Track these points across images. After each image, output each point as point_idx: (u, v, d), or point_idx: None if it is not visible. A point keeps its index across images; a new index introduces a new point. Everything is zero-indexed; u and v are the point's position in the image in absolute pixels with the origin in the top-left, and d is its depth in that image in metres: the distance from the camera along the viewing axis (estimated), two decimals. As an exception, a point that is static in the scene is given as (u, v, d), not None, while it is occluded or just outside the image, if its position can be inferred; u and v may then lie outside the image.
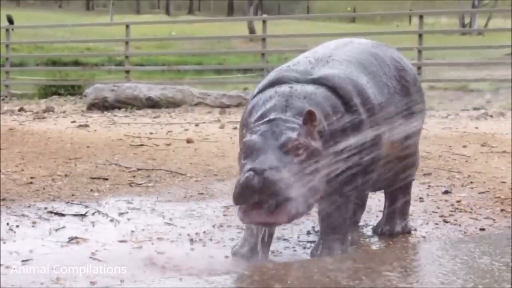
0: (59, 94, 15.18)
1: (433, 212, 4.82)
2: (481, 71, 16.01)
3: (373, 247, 4.11)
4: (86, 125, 9.83)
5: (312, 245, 3.88)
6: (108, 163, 6.57)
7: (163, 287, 3.29)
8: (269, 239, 3.72)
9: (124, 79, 15.24)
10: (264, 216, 3.21)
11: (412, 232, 4.32)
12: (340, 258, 3.62)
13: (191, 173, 6.13)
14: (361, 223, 4.53)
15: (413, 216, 4.61)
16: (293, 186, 3.22)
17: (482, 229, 4.40)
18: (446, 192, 5.38)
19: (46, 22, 28.70)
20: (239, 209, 3.28)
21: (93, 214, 4.71)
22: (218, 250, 3.90)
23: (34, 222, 4.47)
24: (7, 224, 4.37)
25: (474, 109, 12.05)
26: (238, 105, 12.27)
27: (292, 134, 3.32)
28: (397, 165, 3.99)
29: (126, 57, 16.18)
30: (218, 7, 57.04)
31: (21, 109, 12.42)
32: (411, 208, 4.49)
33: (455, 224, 4.52)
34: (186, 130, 9.35)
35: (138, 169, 6.27)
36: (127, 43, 16.25)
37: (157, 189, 5.54)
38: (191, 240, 4.11)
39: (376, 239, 4.25)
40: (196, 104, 12.59)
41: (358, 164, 3.59)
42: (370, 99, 3.69)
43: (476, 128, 9.46)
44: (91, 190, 5.47)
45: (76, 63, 21.17)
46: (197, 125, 9.91)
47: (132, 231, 4.29)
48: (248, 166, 3.25)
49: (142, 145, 7.86)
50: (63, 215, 4.67)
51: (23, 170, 6.18)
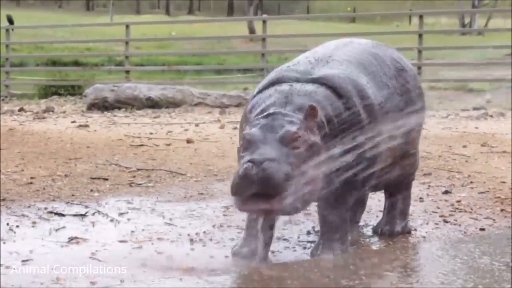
0: (59, 94, 15.18)
1: (433, 212, 4.82)
2: (481, 71, 16.00)
3: (373, 247, 4.11)
4: (86, 125, 9.83)
5: (312, 245, 3.88)
6: (108, 163, 6.57)
7: (163, 287, 3.29)
8: (269, 239, 3.72)
9: (124, 79, 15.24)
10: (261, 204, 3.21)
11: (412, 232, 4.32)
12: (340, 258, 3.62)
13: (191, 173, 6.13)
14: (361, 223, 4.53)
15: (413, 216, 4.61)
16: (291, 178, 3.22)
17: (482, 229, 4.40)
18: (446, 192, 5.38)
19: (46, 22, 28.68)
20: (236, 198, 3.29)
21: (93, 214, 4.71)
22: (218, 250, 3.90)
23: (34, 222, 4.47)
24: (7, 224, 4.37)
25: (474, 109, 12.05)
26: (238, 105, 12.27)
27: (292, 127, 3.33)
28: (397, 165, 3.99)
29: (126, 57, 16.19)
30: (218, 7, 57.03)
31: (21, 109, 12.42)
32: (411, 208, 4.49)
33: (455, 224, 4.52)
34: (186, 130, 9.35)
35: (138, 169, 6.27)
36: (127, 43, 16.26)
37: (157, 189, 5.54)
38: (191, 240, 4.11)
39: (376, 239, 4.25)
40: (196, 104, 12.60)
41: (358, 164, 3.59)
42: (370, 99, 3.69)
43: (476, 128, 9.46)
44: (91, 190, 5.47)
45: (76, 63, 21.16)
46: (197, 125, 9.91)
47: (132, 231, 4.29)
48: (247, 158, 3.26)
49: (142, 145, 7.86)
50: (63, 215, 4.67)
51: (23, 170, 6.18)
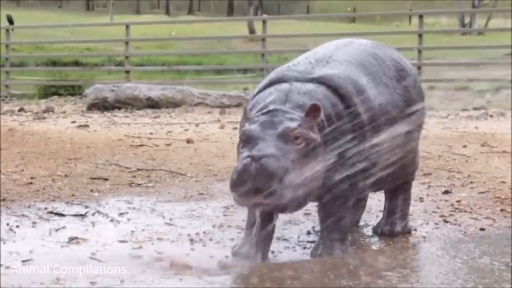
0: (59, 94, 15.18)
1: (433, 212, 4.82)
2: (481, 71, 16.01)
3: (373, 247, 4.11)
4: (86, 125, 9.83)
5: (312, 245, 3.88)
6: (108, 163, 6.57)
7: (163, 287, 3.29)
8: (269, 239, 3.72)
9: (124, 79, 15.24)
10: (260, 198, 3.21)
11: (412, 232, 4.32)
12: (340, 258, 3.62)
13: (191, 173, 6.13)
14: (361, 223, 4.53)
15: (413, 216, 4.61)
16: (289, 174, 3.22)
17: (482, 229, 4.40)
18: (446, 192, 5.38)
19: (46, 22, 28.70)
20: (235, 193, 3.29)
21: (93, 214, 4.71)
22: (218, 250, 3.90)
23: (34, 223, 4.47)
24: (7, 224, 4.37)
25: (474, 109, 12.05)
26: (238, 105, 12.27)
27: (291, 124, 3.34)
28: (397, 165, 3.99)
29: (126, 57, 16.19)
30: (218, 7, 57.04)
31: (21, 109, 12.42)
32: (411, 208, 4.49)
33: (455, 224, 4.52)
34: (186, 130, 9.35)
35: (138, 169, 6.27)
36: (127, 43, 16.25)
37: (157, 189, 5.54)
38: (191, 240, 4.11)
39: (376, 239, 4.25)
40: (196, 104, 12.60)
41: (358, 164, 3.59)
42: (370, 99, 3.69)
43: (476, 128, 9.46)
44: (91, 190, 5.47)
45: (76, 63, 21.15)
46: (197, 125, 9.91)
47: (132, 231, 4.29)
48: (246, 153, 3.26)
49: (142, 145, 7.86)
50: (63, 215, 4.67)
51: (23, 170, 6.18)
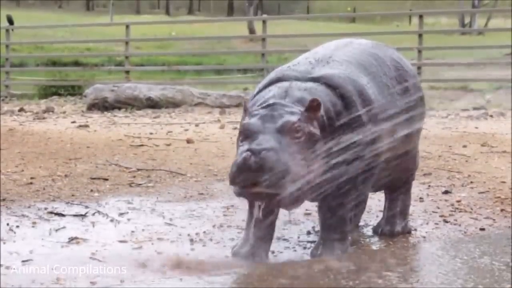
0: (59, 95, 15.18)
1: (433, 212, 4.82)
2: (481, 71, 16.01)
3: (373, 247, 4.11)
4: (86, 126, 9.83)
5: (312, 245, 3.88)
6: (108, 163, 6.57)
7: (163, 287, 3.29)
8: (269, 239, 3.72)
9: (124, 79, 15.24)
10: (259, 191, 3.21)
11: (412, 232, 4.31)
12: (340, 258, 3.62)
13: (191, 173, 6.13)
14: (361, 223, 4.53)
15: (413, 216, 4.61)
16: (289, 168, 3.22)
17: (482, 229, 4.39)
18: (446, 192, 5.38)
19: (46, 22, 28.70)
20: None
21: (93, 214, 4.71)
22: (218, 250, 3.90)
23: (34, 223, 4.47)
24: (7, 224, 4.37)
25: (474, 109, 12.05)
26: (238, 105, 12.26)
27: (291, 118, 3.34)
28: (397, 165, 3.99)
29: (126, 57, 16.19)
30: (218, 7, 57.04)
31: (21, 110, 12.42)
32: (411, 208, 4.48)
33: (455, 224, 4.52)
34: (186, 130, 9.35)
35: (138, 169, 6.27)
36: (127, 43, 16.25)
37: (157, 189, 5.54)
38: (191, 240, 4.11)
39: (376, 239, 4.25)
40: (196, 104, 12.60)
41: (358, 164, 3.59)
42: (370, 99, 3.69)
43: (476, 128, 9.46)
44: (91, 190, 5.47)
45: (76, 63, 21.14)
46: (197, 125, 9.91)
47: (132, 232, 4.29)
48: (245, 147, 3.26)
49: (142, 145, 7.86)
50: (63, 215, 4.67)
51: (23, 170, 6.18)
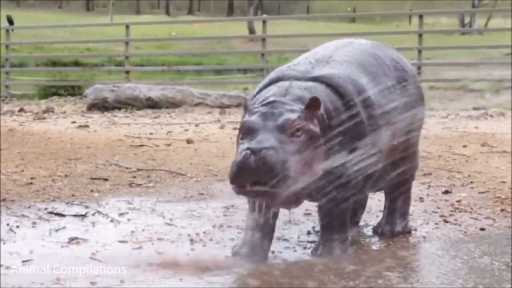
0: (59, 95, 15.18)
1: (433, 212, 4.82)
2: (481, 71, 16.00)
3: (373, 247, 4.11)
4: (86, 126, 9.83)
5: (312, 245, 3.88)
6: (108, 163, 6.57)
7: (163, 287, 3.29)
8: (269, 239, 3.72)
9: (124, 80, 15.24)
10: (259, 190, 3.21)
11: (412, 232, 4.32)
12: (340, 258, 3.62)
13: (191, 174, 6.13)
14: (361, 223, 4.53)
15: (413, 216, 4.61)
16: (289, 167, 3.22)
17: (482, 229, 4.40)
18: (446, 192, 5.38)
19: (46, 23, 28.67)
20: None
21: (93, 214, 4.72)
22: (218, 250, 3.90)
23: (34, 223, 4.47)
24: (7, 224, 4.37)
25: (474, 109, 12.05)
26: (238, 105, 12.26)
27: (292, 115, 3.34)
28: (397, 165, 3.99)
29: (126, 57, 16.18)
30: (218, 7, 57.02)
31: (21, 110, 12.42)
32: (411, 208, 4.49)
33: (455, 224, 4.52)
34: (186, 130, 9.35)
35: (138, 170, 6.27)
36: (127, 43, 16.25)
37: (157, 190, 5.54)
38: (191, 241, 4.11)
39: (376, 239, 4.25)
40: (196, 105, 12.60)
41: (358, 164, 3.59)
42: (370, 99, 3.69)
43: (476, 128, 9.46)
44: (91, 190, 5.47)
45: (76, 63, 21.10)
46: (197, 125, 9.91)
47: (132, 232, 4.29)
48: (245, 145, 3.26)
49: (142, 145, 7.86)
50: (63, 215, 4.67)
51: (23, 170, 6.18)
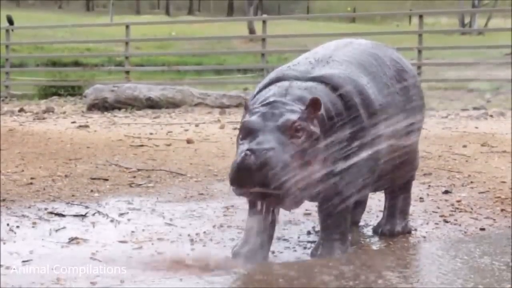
0: (59, 95, 15.19)
1: (433, 212, 4.82)
2: (481, 71, 16.00)
3: (373, 247, 4.11)
4: (86, 126, 9.83)
5: (312, 245, 3.88)
6: (108, 163, 6.57)
7: (163, 287, 3.29)
8: (269, 239, 3.72)
9: (124, 80, 15.24)
10: (259, 191, 3.21)
11: (412, 232, 4.31)
12: (340, 258, 3.62)
13: (191, 174, 6.13)
14: (361, 223, 4.53)
15: (413, 216, 4.61)
16: (289, 167, 3.22)
17: (482, 229, 4.39)
18: (446, 192, 5.38)
19: (46, 23, 28.71)
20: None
21: (93, 214, 4.71)
22: (219, 250, 3.90)
23: (34, 223, 4.47)
24: (7, 224, 4.37)
25: (474, 109, 12.05)
26: (238, 105, 12.27)
27: (292, 116, 3.34)
28: (397, 165, 3.99)
29: (126, 57, 16.19)
30: (218, 7, 57.05)
31: (21, 110, 12.43)
32: (411, 208, 4.49)
33: (455, 224, 4.52)
34: (186, 130, 9.36)
35: (138, 170, 6.27)
36: (127, 43, 16.26)
37: (157, 190, 5.54)
38: (192, 241, 4.11)
39: (376, 239, 4.25)
40: (196, 105, 12.60)
41: (358, 164, 3.59)
42: (370, 99, 3.69)
43: (476, 128, 9.46)
44: (91, 190, 5.47)
45: (76, 63, 21.12)
46: (197, 125, 9.91)
47: (132, 232, 4.29)
48: (245, 146, 3.26)
49: (142, 145, 7.86)
50: (63, 215, 4.67)
51: (23, 170, 6.18)
